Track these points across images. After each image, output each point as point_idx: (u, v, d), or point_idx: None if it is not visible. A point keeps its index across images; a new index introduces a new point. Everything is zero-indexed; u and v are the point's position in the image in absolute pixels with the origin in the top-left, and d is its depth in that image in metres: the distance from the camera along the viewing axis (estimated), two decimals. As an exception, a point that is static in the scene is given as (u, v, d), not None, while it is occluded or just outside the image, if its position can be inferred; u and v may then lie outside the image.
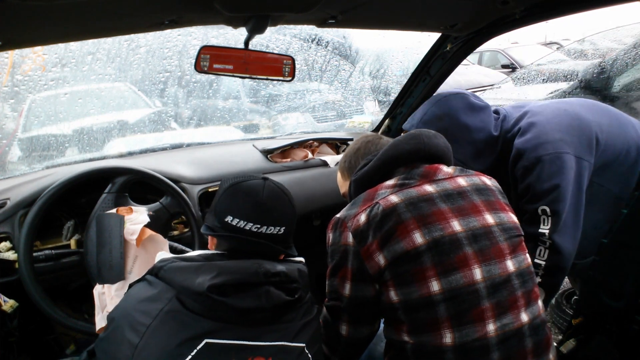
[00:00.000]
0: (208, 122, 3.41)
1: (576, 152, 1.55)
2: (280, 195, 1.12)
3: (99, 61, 2.80)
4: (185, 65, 3.03)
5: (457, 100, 1.70)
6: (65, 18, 1.20)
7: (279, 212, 1.10)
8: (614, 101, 3.29)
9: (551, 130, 1.57)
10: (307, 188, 2.14)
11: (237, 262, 1.02)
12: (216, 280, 0.95)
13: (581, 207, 1.57)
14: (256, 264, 1.01)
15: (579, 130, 1.58)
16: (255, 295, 0.99)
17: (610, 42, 4.08)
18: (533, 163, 1.56)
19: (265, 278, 1.00)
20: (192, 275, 0.97)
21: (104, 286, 1.59)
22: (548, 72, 4.27)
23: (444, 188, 1.20)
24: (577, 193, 1.56)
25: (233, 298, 0.96)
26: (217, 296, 0.95)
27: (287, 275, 1.04)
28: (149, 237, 1.65)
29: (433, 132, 1.31)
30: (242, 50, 1.45)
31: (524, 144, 1.59)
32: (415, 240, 1.11)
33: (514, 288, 1.15)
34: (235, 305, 0.96)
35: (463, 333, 1.09)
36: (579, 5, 1.53)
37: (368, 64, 3.91)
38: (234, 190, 1.11)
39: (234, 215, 1.07)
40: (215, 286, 0.95)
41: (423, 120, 1.69)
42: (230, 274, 0.98)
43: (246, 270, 1.00)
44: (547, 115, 1.63)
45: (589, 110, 1.66)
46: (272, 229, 1.08)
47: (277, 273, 1.02)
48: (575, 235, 1.57)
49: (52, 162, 2.35)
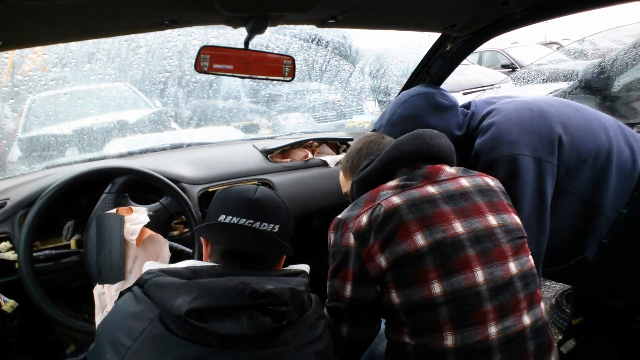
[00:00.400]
0: (208, 122, 3.41)
1: (535, 153, 1.49)
2: (273, 196, 1.11)
3: (99, 61, 2.81)
4: (185, 65, 3.03)
5: (422, 100, 1.67)
6: (65, 18, 1.20)
7: (272, 209, 1.08)
8: (614, 101, 3.29)
9: (508, 131, 1.52)
10: (307, 188, 2.14)
11: (221, 281, 0.93)
12: (195, 303, 0.88)
13: (545, 210, 1.51)
14: (242, 284, 0.92)
15: (541, 132, 1.51)
16: (237, 321, 0.90)
17: (610, 42, 4.08)
18: (489, 165, 1.51)
19: (251, 300, 0.91)
20: (174, 294, 0.90)
21: (104, 286, 1.59)
22: (548, 72, 4.26)
23: (447, 189, 1.20)
24: (538, 195, 1.49)
25: (213, 324, 0.88)
26: (195, 321, 0.87)
27: (275, 297, 0.93)
28: (149, 237, 1.65)
29: (436, 132, 1.31)
30: (242, 50, 1.45)
31: (482, 145, 1.55)
32: (416, 242, 1.11)
33: (516, 290, 1.14)
34: (216, 332, 0.88)
35: (464, 335, 1.08)
36: (579, 5, 1.53)
37: (368, 64, 3.90)
38: (226, 193, 1.11)
39: (226, 214, 1.04)
40: (194, 310, 0.87)
41: (390, 121, 1.67)
42: (211, 296, 0.90)
43: (229, 291, 0.91)
44: (508, 114, 1.57)
45: (557, 110, 1.58)
46: (266, 225, 1.05)
47: (265, 294, 0.92)
48: (538, 239, 1.51)
49: (52, 162, 2.35)
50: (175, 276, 0.95)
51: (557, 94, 3.57)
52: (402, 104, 1.69)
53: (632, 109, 3.23)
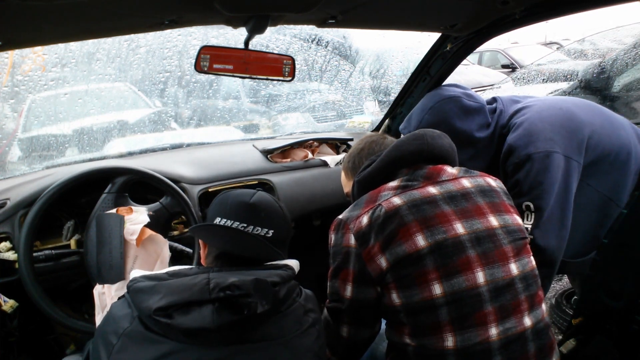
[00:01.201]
0: (208, 122, 3.41)
1: (565, 152, 1.55)
2: (271, 201, 1.13)
3: (99, 61, 2.81)
4: (185, 65, 3.03)
5: (450, 105, 1.69)
6: (65, 18, 1.20)
7: (268, 214, 1.09)
8: (614, 101, 3.29)
9: (543, 129, 1.58)
10: (307, 188, 2.13)
11: (187, 279, 0.97)
12: (161, 302, 0.93)
13: (568, 206, 1.57)
14: (206, 279, 0.95)
15: (571, 131, 1.58)
16: (200, 315, 0.92)
17: (610, 42, 4.08)
18: (523, 160, 1.56)
19: (213, 294, 0.93)
20: (147, 296, 0.95)
21: (104, 286, 1.59)
22: (548, 72, 4.27)
23: (448, 190, 1.19)
24: (564, 192, 1.56)
25: (177, 319, 0.92)
26: (162, 318, 0.92)
27: (238, 288, 0.93)
28: (149, 237, 1.65)
29: (438, 132, 1.30)
30: (242, 50, 1.45)
31: (516, 140, 1.60)
32: (417, 243, 1.10)
33: (517, 292, 1.14)
34: (180, 327, 0.91)
35: (465, 337, 1.08)
36: (579, 5, 1.53)
37: (368, 64, 3.90)
38: (224, 196, 1.13)
39: (222, 216, 1.07)
40: (161, 308, 0.92)
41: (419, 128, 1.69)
42: (177, 293, 0.94)
43: (193, 287, 0.95)
44: (541, 112, 1.63)
45: (583, 110, 1.66)
46: (260, 229, 1.07)
47: (227, 287, 0.93)
48: (559, 234, 1.56)
49: (52, 162, 2.35)
50: (154, 280, 0.99)
51: (557, 94, 3.57)
52: (429, 111, 1.71)
53: (632, 109, 3.23)
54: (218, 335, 0.93)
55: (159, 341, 0.92)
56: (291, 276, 1.06)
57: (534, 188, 1.55)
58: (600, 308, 1.63)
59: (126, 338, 0.93)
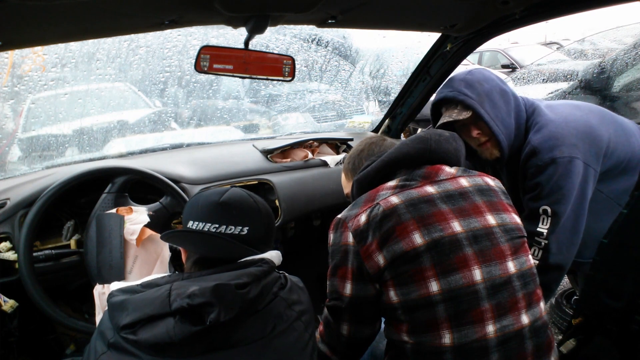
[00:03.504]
0: (208, 122, 3.40)
1: (585, 159, 1.58)
2: (244, 197, 1.08)
3: (99, 61, 2.80)
4: (185, 65, 3.03)
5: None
6: (65, 18, 1.20)
7: (240, 211, 1.05)
8: (614, 101, 3.29)
9: (568, 134, 1.59)
10: (307, 188, 2.14)
11: (150, 292, 0.95)
12: (127, 319, 0.92)
13: (582, 213, 1.59)
14: (167, 291, 0.92)
15: (591, 139, 1.60)
16: (163, 328, 0.90)
17: (610, 42, 4.08)
18: (547, 163, 1.57)
19: (173, 307, 0.90)
20: (118, 313, 0.95)
21: (104, 286, 1.59)
22: (548, 72, 4.27)
23: (445, 189, 1.20)
24: (580, 198, 1.58)
25: (142, 335, 0.90)
26: (129, 335, 0.91)
27: (198, 297, 0.89)
28: (149, 237, 1.65)
29: (446, 135, 1.29)
30: (242, 50, 1.45)
31: (541, 142, 1.60)
32: (414, 241, 1.11)
33: (514, 289, 1.14)
34: (146, 343, 0.90)
35: (462, 334, 1.09)
36: (579, 5, 1.53)
37: (368, 64, 3.90)
38: (195, 199, 1.10)
39: (194, 219, 1.05)
40: (127, 325, 0.92)
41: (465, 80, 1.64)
42: (140, 309, 0.92)
43: (155, 300, 0.92)
44: (566, 117, 1.65)
45: (600, 119, 1.68)
46: (233, 228, 1.03)
47: (188, 296, 0.90)
48: (572, 239, 1.59)
49: (52, 162, 2.35)
50: (127, 293, 0.98)
51: (557, 94, 3.57)
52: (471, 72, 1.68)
53: (632, 109, 3.23)
54: (185, 348, 0.90)
55: (135, 354, 0.91)
56: (267, 271, 1.01)
57: (554, 192, 1.56)
58: (600, 308, 1.63)
59: (111, 348, 0.94)
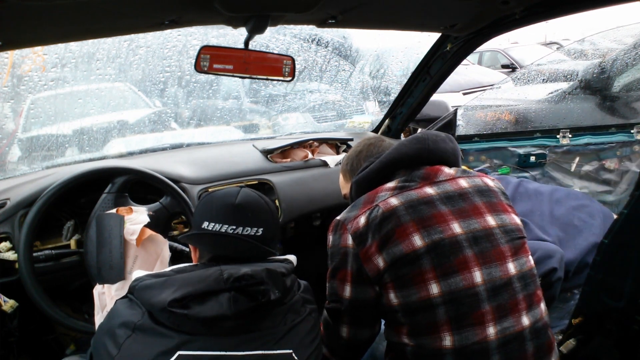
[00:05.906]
0: (208, 122, 3.40)
1: None
2: (256, 198, 1.12)
3: (99, 61, 2.80)
4: (185, 65, 3.03)
5: None
6: (65, 18, 1.20)
7: (254, 213, 1.09)
8: (614, 101, 3.29)
9: None
10: (307, 188, 2.13)
11: (199, 272, 1.00)
12: (176, 294, 0.95)
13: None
14: (218, 270, 0.99)
15: None
16: (217, 303, 0.96)
17: (610, 42, 4.07)
18: None
19: (228, 284, 0.97)
20: (158, 292, 0.97)
21: (104, 286, 1.59)
22: (548, 72, 4.26)
23: (445, 190, 1.19)
24: None
25: (194, 309, 0.95)
26: (178, 309, 0.94)
27: (252, 277, 0.98)
28: (149, 237, 1.65)
29: (442, 135, 1.29)
30: (242, 50, 1.45)
31: None
32: (414, 243, 1.11)
33: (515, 291, 1.14)
34: (198, 316, 0.94)
35: (463, 336, 1.09)
36: (579, 5, 1.53)
37: (368, 64, 3.90)
38: (209, 198, 1.13)
39: (209, 220, 1.07)
40: (176, 300, 0.95)
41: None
42: (191, 285, 0.97)
43: (207, 278, 0.98)
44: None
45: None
46: (249, 229, 1.07)
47: (242, 276, 0.97)
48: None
49: (52, 162, 2.35)
50: (163, 276, 1.01)
51: (557, 94, 3.57)
52: None
53: (632, 109, 3.23)
54: (233, 324, 0.96)
55: (168, 335, 0.94)
56: (293, 270, 1.09)
57: None
58: (600, 308, 1.63)
59: (138, 330, 0.96)
